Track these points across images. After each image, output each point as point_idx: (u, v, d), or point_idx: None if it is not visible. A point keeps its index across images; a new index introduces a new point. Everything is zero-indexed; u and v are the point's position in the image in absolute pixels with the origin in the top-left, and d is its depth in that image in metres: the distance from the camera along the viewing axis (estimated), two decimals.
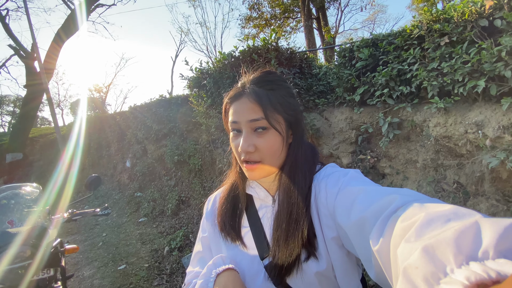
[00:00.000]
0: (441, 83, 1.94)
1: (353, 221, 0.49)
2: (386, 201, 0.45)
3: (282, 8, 13.74)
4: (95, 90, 21.73)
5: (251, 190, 0.75)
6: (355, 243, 0.50)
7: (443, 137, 2.05)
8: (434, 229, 0.31)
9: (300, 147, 0.70)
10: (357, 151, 2.78)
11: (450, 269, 0.25)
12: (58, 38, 10.33)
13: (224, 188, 0.82)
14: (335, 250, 0.61)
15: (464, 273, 0.23)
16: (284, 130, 0.67)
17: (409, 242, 0.32)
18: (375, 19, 20.15)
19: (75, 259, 3.99)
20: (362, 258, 0.48)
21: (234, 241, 0.72)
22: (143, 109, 6.16)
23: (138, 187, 6.41)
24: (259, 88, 0.66)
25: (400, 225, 0.36)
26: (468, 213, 0.31)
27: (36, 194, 2.05)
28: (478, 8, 1.70)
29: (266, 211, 0.72)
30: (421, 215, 0.34)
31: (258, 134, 0.65)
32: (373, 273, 0.44)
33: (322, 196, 0.63)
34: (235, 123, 0.67)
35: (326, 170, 0.69)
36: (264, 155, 0.65)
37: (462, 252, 0.25)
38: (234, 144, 0.68)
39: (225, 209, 0.76)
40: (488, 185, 1.84)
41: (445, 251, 0.26)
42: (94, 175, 2.15)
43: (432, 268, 0.26)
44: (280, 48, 3.07)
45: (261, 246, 0.68)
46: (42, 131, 15.94)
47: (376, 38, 2.59)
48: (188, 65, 3.50)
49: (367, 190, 0.52)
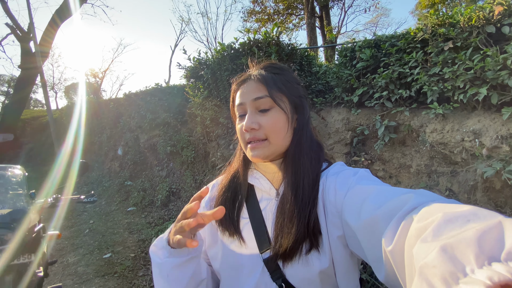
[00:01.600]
0: (441, 88, 1.92)
1: (363, 221, 0.47)
2: (400, 201, 0.43)
3: (286, 4, 13.63)
4: (91, 75, 21.43)
5: (254, 180, 0.72)
6: (364, 243, 0.49)
7: (439, 144, 2.04)
8: (452, 229, 0.29)
9: (305, 132, 0.69)
10: (352, 152, 2.76)
11: (470, 269, 0.24)
12: (55, 20, 10.10)
13: (225, 176, 0.78)
14: (339, 249, 0.59)
15: (486, 273, 0.22)
16: (289, 110, 0.66)
17: (425, 242, 0.30)
18: (378, 22, 20.16)
19: (60, 245, 3.93)
20: (371, 258, 0.47)
21: (232, 235, 0.69)
22: (138, 97, 6.07)
23: (128, 176, 6.33)
24: (265, 72, 0.67)
25: (416, 225, 0.34)
26: (489, 214, 0.29)
27: (20, 177, 2.00)
28: (487, 13, 1.67)
29: (268, 204, 0.69)
30: (438, 215, 0.32)
31: (262, 113, 0.65)
32: (382, 274, 0.42)
33: (330, 194, 0.61)
34: (240, 105, 0.67)
35: (335, 168, 0.68)
36: (269, 133, 0.64)
37: (484, 253, 0.24)
38: (239, 127, 0.67)
39: (224, 198, 0.73)
40: (481, 194, 1.83)
41: (465, 251, 0.25)
42: (82, 160, 2.09)
43: (451, 267, 0.25)
44: (281, 43, 3.02)
45: (261, 238, 0.65)
46: (35, 113, 15.68)
47: (379, 39, 2.55)
48: (186, 54, 3.42)
49: (379, 190, 0.51)
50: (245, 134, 0.65)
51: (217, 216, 0.50)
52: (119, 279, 3.03)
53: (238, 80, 0.71)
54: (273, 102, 0.64)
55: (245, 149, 0.67)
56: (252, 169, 0.74)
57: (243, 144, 0.68)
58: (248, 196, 0.72)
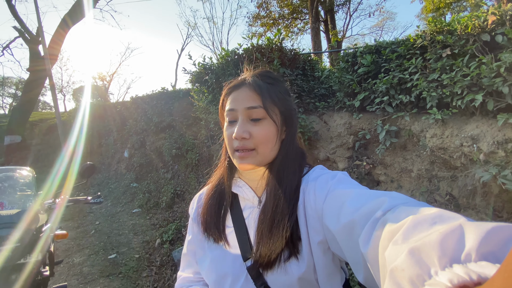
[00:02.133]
0: (440, 94, 1.95)
1: (342, 224, 0.49)
2: (375, 204, 0.45)
3: (291, 8, 13.69)
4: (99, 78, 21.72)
5: (238, 189, 0.73)
6: (343, 246, 0.50)
7: (439, 149, 2.06)
8: (420, 232, 0.31)
9: (292, 145, 0.71)
10: (354, 156, 2.78)
11: (434, 271, 0.25)
12: (64, 24, 10.28)
13: (210, 185, 0.80)
14: (319, 254, 0.61)
15: (447, 275, 0.23)
16: (279, 122, 0.67)
17: (396, 245, 0.32)
18: (383, 26, 20.13)
19: (66, 245, 4.00)
20: (351, 261, 0.48)
21: (217, 241, 0.71)
22: (145, 101, 6.17)
23: (134, 178, 6.42)
24: (260, 80, 0.68)
25: (388, 228, 0.36)
26: (452, 216, 0.32)
27: (29, 178, 2.06)
28: (481, 22, 1.70)
29: (251, 212, 0.70)
30: (408, 218, 0.34)
31: (254, 122, 0.65)
32: (361, 276, 0.44)
33: (311, 199, 0.62)
34: (232, 110, 0.67)
35: (314, 173, 0.69)
36: (258, 143, 0.65)
37: (446, 255, 0.26)
38: (228, 133, 0.68)
39: (209, 206, 0.75)
40: (480, 199, 1.84)
41: (430, 254, 0.27)
42: (89, 163, 2.15)
43: (417, 270, 0.27)
44: (283, 48, 3.07)
45: (244, 247, 0.67)
46: (43, 115, 15.94)
47: (380, 45, 2.59)
48: (191, 59, 3.49)
49: (356, 193, 0.52)
50: (233, 141, 0.66)
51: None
52: (124, 279, 3.08)
53: (231, 84, 0.71)
54: (266, 114, 0.65)
55: (232, 156, 0.68)
56: (236, 178, 0.75)
57: (231, 151, 0.68)
58: (232, 204, 0.73)
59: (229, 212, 0.73)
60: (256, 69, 0.74)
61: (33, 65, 10.09)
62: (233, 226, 0.71)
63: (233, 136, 0.65)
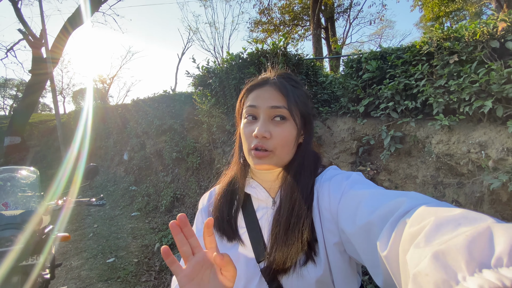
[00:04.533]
0: (447, 100, 1.94)
1: (358, 226, 0.47)
2: (394, 205, 0.43)
3: (292, 15, 13.84)
4: (99, 80, 21.78)
5: (251, 189, 0.71)
6: (360, 248, 0.48)
7: (445, 155, 2.05)
8: (444, 234, 0.30)
9: (309, 149, 0.70)
10: (357, 162, 2.77)
11: (462, 277, 0.24)
12: (66, 27, 10.35)
13: (222, 184, 0.78)
14: (336, 256, 0.59)
15: (477, 281, 0.22)
16: (299, 125, 0.66)
17: (418, 248, 0.31)
18: (383, 34, 20.35)
19: (64, 248, 3.94)
20: (368, 264, 0.46)
21: (231, 240, 0.69)
22: (146, 103, 6.15)
23: (133, 181, 6.37)
24: (285, 81, 0.67)
25: (409, 230, 0.35)
26: (479, 217, 0.30)
27: (32, 179, 2.04)
28: (490, 29, 1.71)
29: (265, 213, 0.68)
30: (430, 220, 0.33)
31: (276, 123, 0.64)
32: (380, 279, 0.42)
33: (325, 200, 0.61)
34: (253, 107, 0.66)
35: (328, 173, 0.68)
36: (277, 145, 0.63)
37: (475, 259, 0.24)
38: (247, 131, 0.66)
39: (222, 205, 0.73)
40: (487, 206, 1.83)
41: (456, 258, 0.25)
42: (92, 164, 2.13)
43: (443, 275, 0.25)
44: (288, 53, 3.07)
45: (258, 248, 0.65)
46: (43, 117, 15.92)
47: (385, 51, 2.60)
48: (195, 62, 3.50)
49: (372, 194, 0.51)
50: (252, 140, 0.64)
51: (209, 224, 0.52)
52: (122, 284, 3.03)
53: (254, 82, 0.70)
54: (289, 115, 0.64)
55: (249, 153, 0.66)
56: (249, 178, 0.73)
57: (247, 149, 0.66)
58: (244, 204, 0.71)
59: (241, 212, 0.71)
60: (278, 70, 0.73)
61: (35, 67, 10.13)
62: (246, 226, 0.69)
63: (253, 134, 0.63)
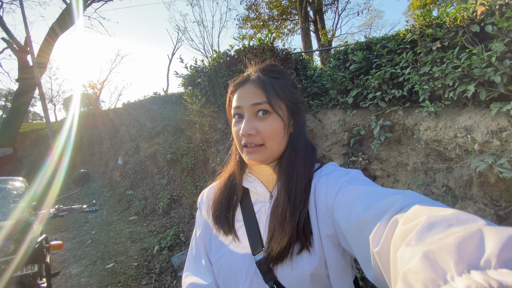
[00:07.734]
0: (432, 87, 1.96)
1: (353, 221, 0.48)
2: (388, 202, 0.44)
3: (280, 9, 13.78)
4: (89, 86, 21.53)
5: (248, 183, 0.73)
6: (353, 243, 0.49)
7: (433, 141, 2.07)
8: (435, 233, 0.30)
9: (301, 137, 0.70)
10: (349, 153, 2.79)
11: (450, 277, 0.24)
12: (52, 32, 10.21)
13: (221, 179, 0.80)
14: (330, 248, 0.60)
15: (464, 282, 0.23)
16: (286, 116, 0.67)
17: (409, 246, 0.31)
18: (372, 24, 20.37)
19: (63, 257, 3.93)
20: (361, 259, 0.47)
21: (227, 234, 0.71)
22: (137, 106, 6.11)
23: (129, 185, 6.34)
24: (264, 76, 0.67)
25: (401, 228, 0.35)
26: (471, 218, 0.30)
27: (22, 189, 2.02)
28: (470, 14, 1.72)
29: (262, 206, 0.70)
30: (422, 218, 0.33)
31: (260, 118, 0.65)
32: (371, 274, 0.43)
33: (321, 194, 0.62)
34: (238, 107, 0.67)
35: (327, 168, 0.69)
36: (266, 138, 0.65)
37: (464, 260, 0.25)
38: (236, 129, 0.68)
39: (220, 199, 0.75)
40: (476, 189, 1.86)
41: (446, 258, 0.26)
42: (83, 170, 2.12)
43: (432, 274, 0.26)
44: (275, 48, 3.07)
45: (254, 241, 0.67)
46: (34, 126, 15.70)
47: (370, 42, 2.61)
48: (183, 62, 3.47)
49: (369, 190, 0.52)
50: (241, 138, 0.66)
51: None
52: None
53: (236, 81, 0.71)
54: (271, 109, 0.64)
55: (242, 152, 0.68)
56: (246, 173, 0.75)
57: (239, 147, 0.69)
58: (242, 198, 0.74)
59: (239, 206, 0.73)
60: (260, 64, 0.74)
61: (22, 75, 9.99)
62: (243, 220, 0.71)
63: (240, 133, 0.65)
